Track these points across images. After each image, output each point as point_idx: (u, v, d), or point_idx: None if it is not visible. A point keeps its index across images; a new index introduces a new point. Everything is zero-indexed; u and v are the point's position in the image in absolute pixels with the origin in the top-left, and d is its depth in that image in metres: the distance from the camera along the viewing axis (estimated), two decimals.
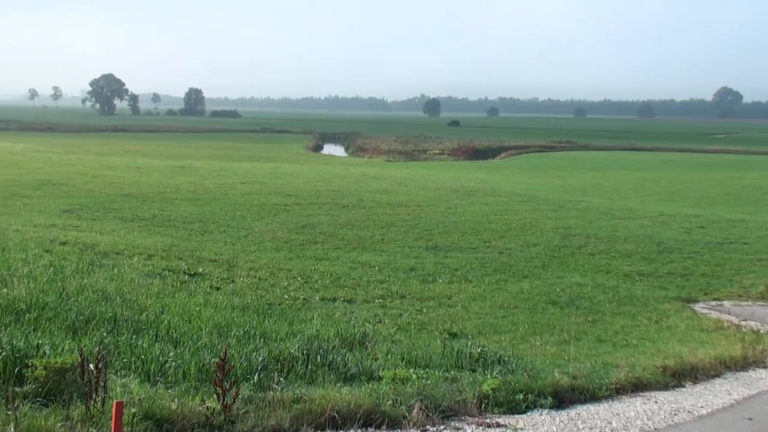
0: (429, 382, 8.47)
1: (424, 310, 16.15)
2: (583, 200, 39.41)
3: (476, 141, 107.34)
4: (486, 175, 57.83)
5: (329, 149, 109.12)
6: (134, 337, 9.48)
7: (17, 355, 7.33)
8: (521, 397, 8.55)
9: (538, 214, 32.51)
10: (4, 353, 7.27)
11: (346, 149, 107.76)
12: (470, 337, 13.43)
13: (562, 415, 8.41)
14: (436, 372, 9.07)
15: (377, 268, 20.40)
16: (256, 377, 7.94)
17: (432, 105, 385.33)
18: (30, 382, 6.74)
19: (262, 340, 10.30)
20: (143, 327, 10.30)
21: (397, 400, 7.67)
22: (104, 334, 9.46)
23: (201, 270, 17.95)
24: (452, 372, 9.20)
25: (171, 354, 8.56)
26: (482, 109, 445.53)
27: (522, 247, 24.40)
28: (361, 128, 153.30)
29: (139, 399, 6.61)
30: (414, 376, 8.69)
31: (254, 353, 8.97)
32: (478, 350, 10.46)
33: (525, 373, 9.34)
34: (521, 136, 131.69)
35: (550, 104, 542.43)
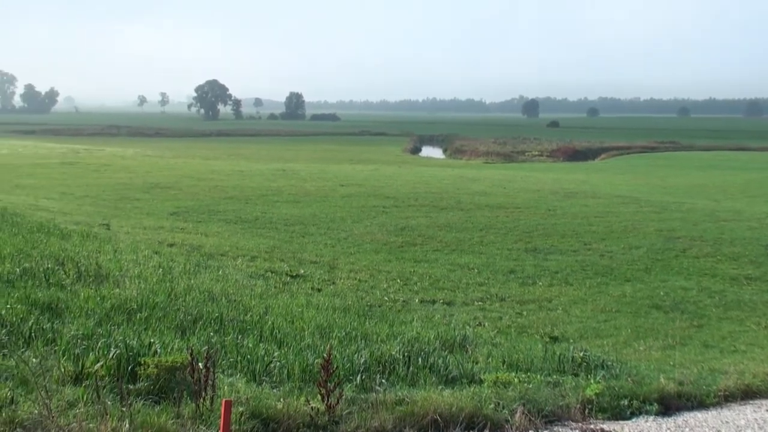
0: (531, 386, 8.39)
1: (524, 313, 15.99)
2: (687, 202, 38.28)
3: (576, 142, 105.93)
4: (586, 177, 56.88)
5: (427, 151, 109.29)
6: (240, 337, 9.69)
7: (130, 353, 7.60)
8: (626, 402, 8.37)
9: (640, 216, 31.74)
10: (118, 351, 7.55)
11: (444, 151, 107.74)
12: (571, 341, 13.22)
13: (668, 422, 8.21)
14: (538, 376, 8.97)
15: (476, 270, 20.32)
16: (358, 378, 8.02)
17: (530, 106, 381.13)
18: (142, 380, 6.98)
19: (363, 341, 10.38)
20: (248, 327, 10.51)
21: (499, 403, 7.63)
22: (211, 333, 9.70)
23: (302, 271, 18.23)
24: (554, 376, 9.07)
25: (275, 354, 8.72)
26: (582, 109, 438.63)
27: (624, 250, 23.88)
28: (458, 130, 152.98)
29: (246, 398, 6.76)
30: (515, 379, 8.62)
31: (356, 354, 9.05)
32: (581, 354, 10.28)
33: (629, 379, 9.14)
34: (622, 136, 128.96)
35: (653, 104, 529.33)
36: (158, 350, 8.00)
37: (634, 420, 8.13)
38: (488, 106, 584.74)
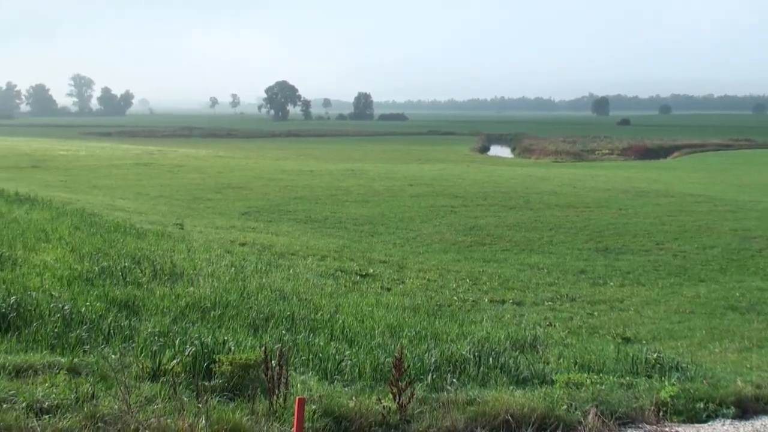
0: (603, 387, 8.28)
1: (595, 313, 15.79)
2: (763, 201, 37.26)
3: (647, 140, 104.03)
4: (658, 175, 55.80)
5: (495, 150, 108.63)
6: (311, 335, 9.80)
7: (205, 350, 7.75)
8: (701, 405, 8.19)
9: (715, 216, 31.03)
10: (194, 349, 7.71)
11: (513, 150, 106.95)
12: (644, 342, 13.00)
13: (746, 426, 8.01)
14: (611, 377, 8.85)
15: (546, 270, 20.14)
16: (429, 378, 8.03)
17: (600, 104, 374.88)
18: (217, 377, 7.11)
19: (433, 341, 10.40)
20: (319, 326, 10.62)
21: (571, 405, 7.55)
22: (283, 332, 9.83)
23: (372, 271, 18.32)
24: (627, 378, 8.94)
25: (347, 353, 8.79)
26: (653, 107, 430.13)
27: (697, 250, 23.40)
28: (527, 129, 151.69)
29: (319, 396, 6.83)
30: (588, 381, 8.52)
31: (426, 354, 9.06)
32: (654, 356, 10.09)
33: (705, 381, 8.95)
34: (695, 134, 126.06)
35: (727, 100, 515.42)
36: (232, 348, 8.14)
37: (710, 423, 7.96)
38: (557, 105, 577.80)
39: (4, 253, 12.70)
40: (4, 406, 5.92)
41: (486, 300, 16.38)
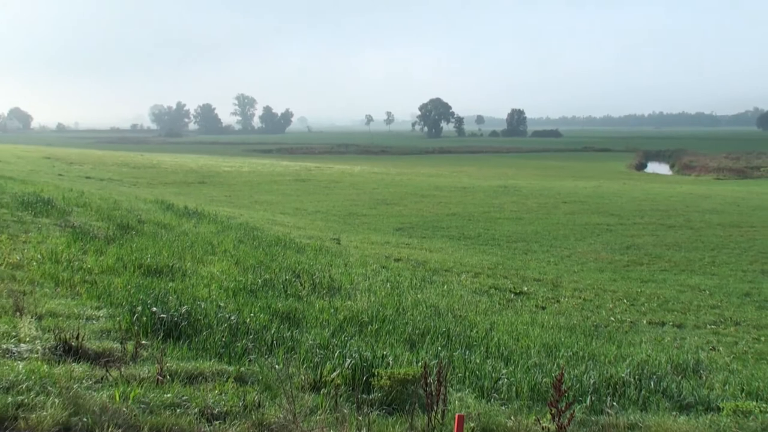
0: None
1: (762, 339, 14.96)
2: None
3: None
4: None
5: (653, 167, 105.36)
6: (466, 352, 9.81)
7: (364, 364, 7.90)
8: None
9: None
10: (353, 361, 7.88)
11: (671, 167, 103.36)
12: None
13: None
14: None
15: (707, 292, 19.32)
16: (588, 400, 7.88)
17: (766, 118, 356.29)
18: (376, 391, 7.23)
19: (591, 361, 10.19)
20: (474, 343, 10.61)
21: None
22: (439, 348, 9.88)
23: (526, 289, 18.13)
24: None
25: (503, 371, 8.75)
26: None
27: None
28: (687, 145, 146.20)
29: (477, 413, 6.83)
30: (756, 409, 8.13)
31: (585, 375, 8.90)
32: None
33: None
34: None
35: None
36: (390, 362, 8.26)
37: None
38: (719, 119, 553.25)
39: (175, 264, 13.40)
40: (178, 410, 6.23)
41: (644, 321, 15.87)
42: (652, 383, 8.93)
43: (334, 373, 7.54)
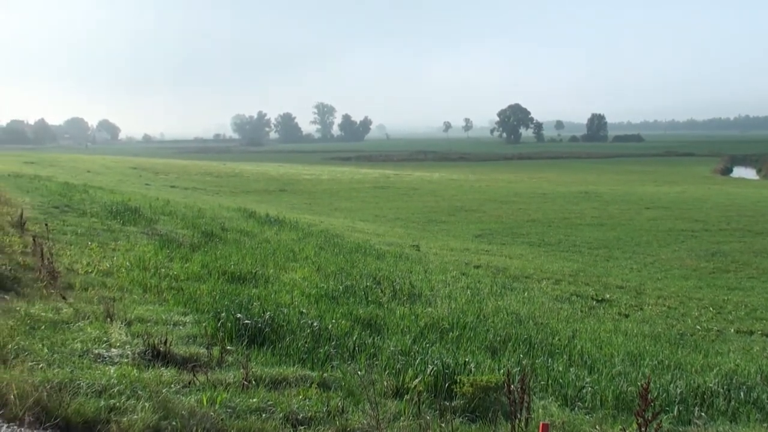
0: None
1: None
2: None
3: None
4: None
5: (739, 172, 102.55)
6: (549, 360, 9.71)
7: (446, 370, 7.89)
8: None
9: None
10: (435, 368, 7.88)
11: (758, 171, 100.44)
12: None
13: None
14: None
15: None
16: (675, 410, 7.72)
17: None
18: (458, 398, 7.22)
19: (677, 371, 9.97)
20: (556, 351, 10.49)
21: None
22: (521, 355, 9.80)
23: (608, 296, 17.84)
24: None
25: (587, 380, 8.64)
26: None
27: None
28: None
29: (561, 422, 6.77)
30: None
31: (671, 384, 8.72)
32: None
33: None
34: None
35: None
36: (472, 369, 8.24)
37: None
38: None
39: (258, 271, 13.62)
40: (264, 415, 6.34)
41: (732, 330, 15.43)
42: (741, 394, 8.70)
43: (416, 380, 7.55)
